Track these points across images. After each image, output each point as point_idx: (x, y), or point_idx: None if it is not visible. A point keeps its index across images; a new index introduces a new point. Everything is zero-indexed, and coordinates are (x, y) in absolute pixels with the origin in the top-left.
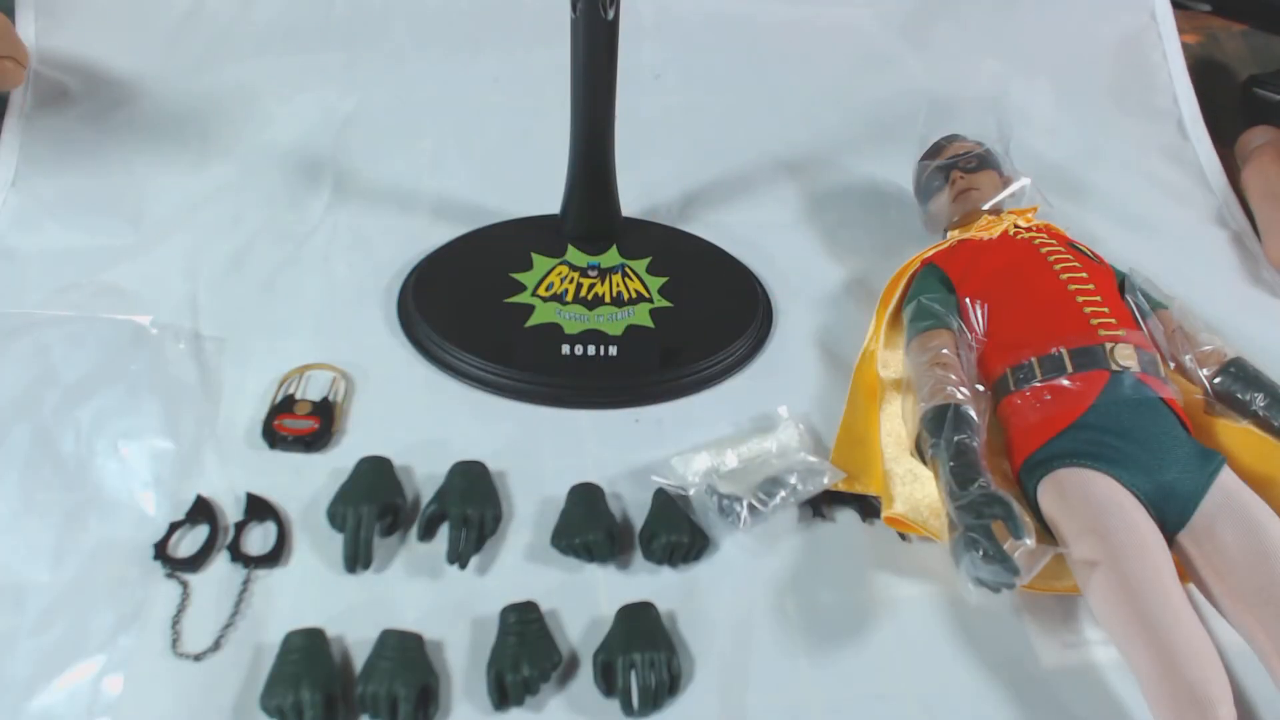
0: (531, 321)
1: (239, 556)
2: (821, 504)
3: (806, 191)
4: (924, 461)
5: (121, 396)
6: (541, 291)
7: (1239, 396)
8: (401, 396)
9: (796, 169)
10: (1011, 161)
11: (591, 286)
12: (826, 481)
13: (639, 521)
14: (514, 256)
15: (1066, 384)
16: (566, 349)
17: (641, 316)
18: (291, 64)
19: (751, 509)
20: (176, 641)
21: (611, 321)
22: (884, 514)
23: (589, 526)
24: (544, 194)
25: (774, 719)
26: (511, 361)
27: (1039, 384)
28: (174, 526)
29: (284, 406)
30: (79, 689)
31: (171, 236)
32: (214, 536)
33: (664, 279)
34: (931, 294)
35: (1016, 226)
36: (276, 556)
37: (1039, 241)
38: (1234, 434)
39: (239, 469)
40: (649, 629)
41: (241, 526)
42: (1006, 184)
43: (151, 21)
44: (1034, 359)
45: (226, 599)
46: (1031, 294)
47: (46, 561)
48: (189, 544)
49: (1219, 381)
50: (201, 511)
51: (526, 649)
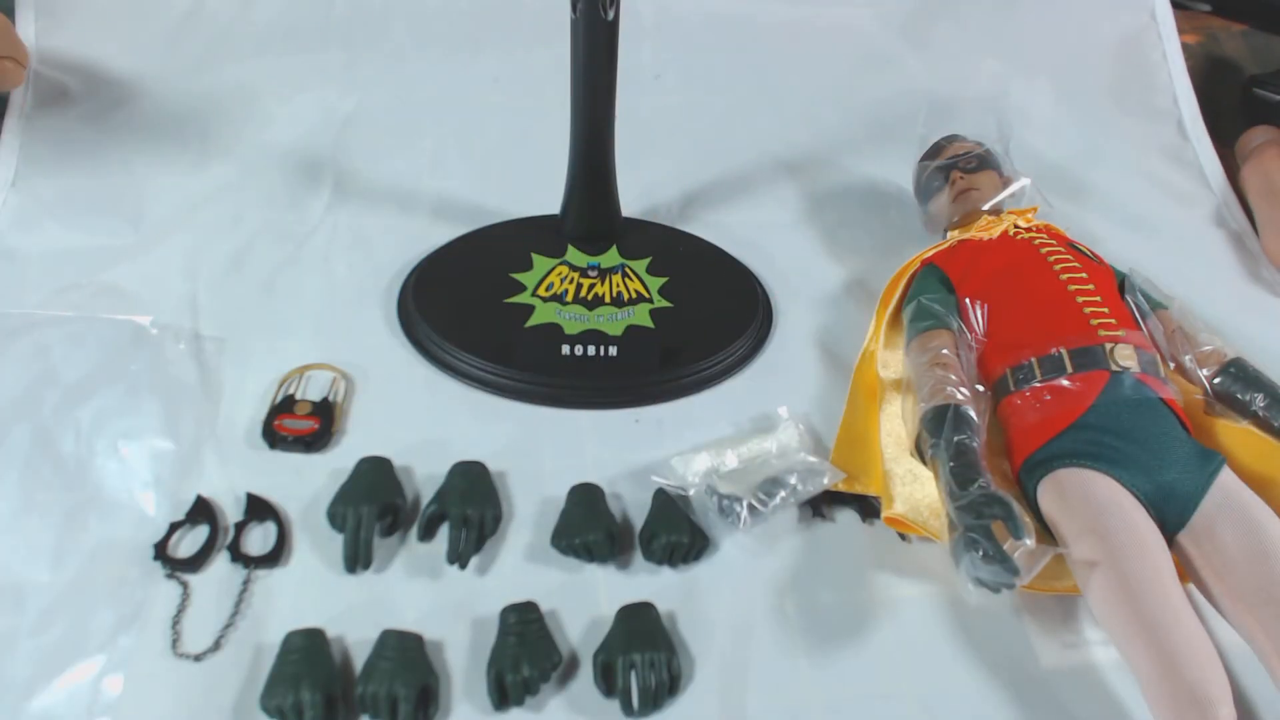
0: (531, 322)
1: (239, 557)
2: (821, 504)
3: (806, 191)
4: (924, 462)
5: (121, 396)
6: (541, 291)
7: (1239, 397)
8: (401, 396)
9: (796, 169)
10: (1011, 161)
11: (591, 287)
12: (826, 482)
13: (639, 521)
14: (514, 256)
15: (1066, 384)
16: (566, 349)
17: (641, 317)
18: (291, 64)
19: (751, 509)
20: (176, 641)
21: (611, 322)
22: (884, 514)
23: (589, 526)
24: (544, 194)
25: (774, 719)
26: (511, 361)
27: (1039, 384)
28: (174, 526)
29: (284, 407)
30: (79, 689)
31: (171, 236)
32: (214, 537)
33: (664, 279)
34: (931, 294)
35: (1016, 227)
36: (276, 557)
37: (1039, 242)
38: (1234, 434)
39: (239, 469)
40: (649, 629)
41: (241, 527)
42: (1006, 184)
43: (151, 21)
44: (1034, 359)
45: (226, 599)
46: (1031, 294)
47: (46, 561)
48: (189, 544)
49: (1219, 382)
50: (201, 512)
51: (526, 649)
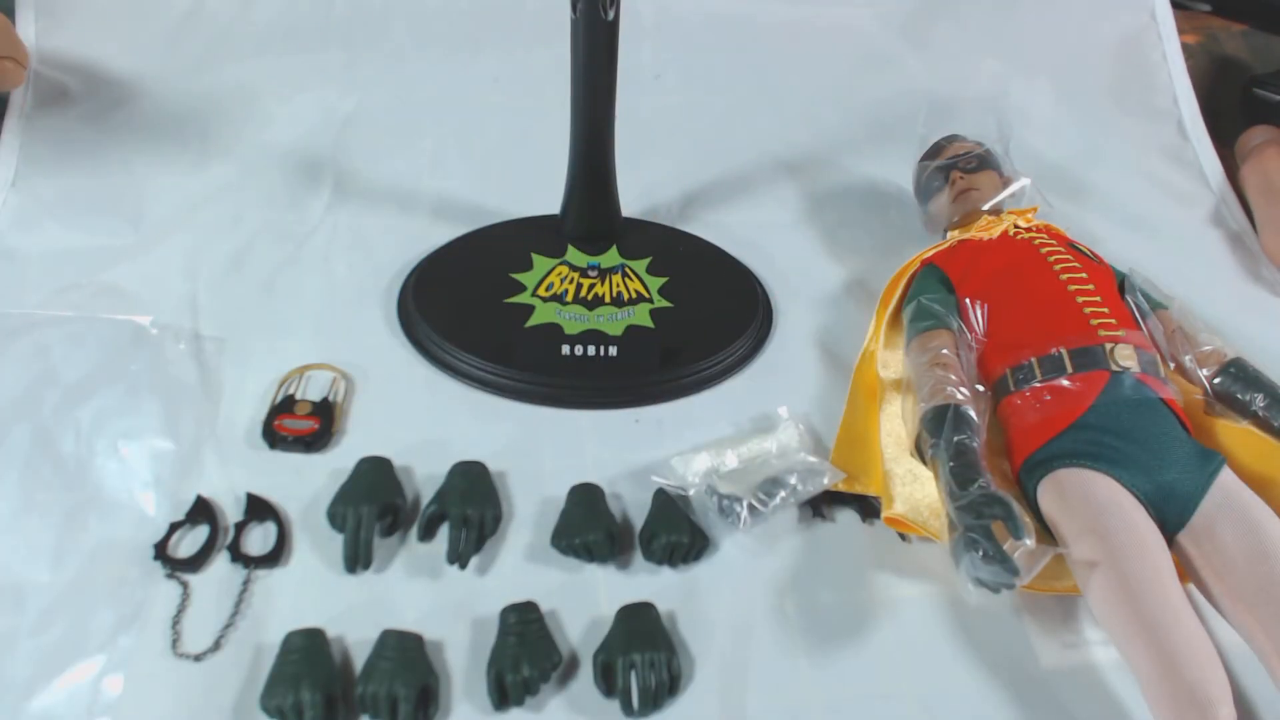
0: (531, 322)
1: (239, 557)
2: (821, 504)
3: (806, 191)
4: (924, 462)
5: (121, 396)
6: (541, 292)
7: (1239, 397)
8: (401, 396)
9: (796, 169)
10: (1011, 161)
11: (591, 287)
12: (826, 482)
13: (639, 521)
14: (514, 256)
15: (1066, 384)
16: (566, 349)
17: (641, 317)
18: (291, 64)
19: (751, 509)
20: (176, 641)
21: (611, 322)
22: (884, 514)
23: (589, 526)
24: (544, 194)
25: (774, 719)
26: (511, 361)
27: (1039, 384)
28: (174, 527)
29: (284, 407)
30: (79, 689)
31: (171, 236)
32: (214, 537)
33: (664, 279)
34: (931, 294)
35: (1016, 227)
36: (276, 557)
37: (1039, 242)
38: (1234, 434)
39: (239, 469)
40: (649, 629)
41: (241, 527)
42: (1006, 184)
43: (151, 21)
44: (1034, 359)
45: (226, 599)
46: (1031, 294)
47: (46, 561)
48: (189, 544)
49: (1219, 382)
50: (201, 512)
51: (526, 649)
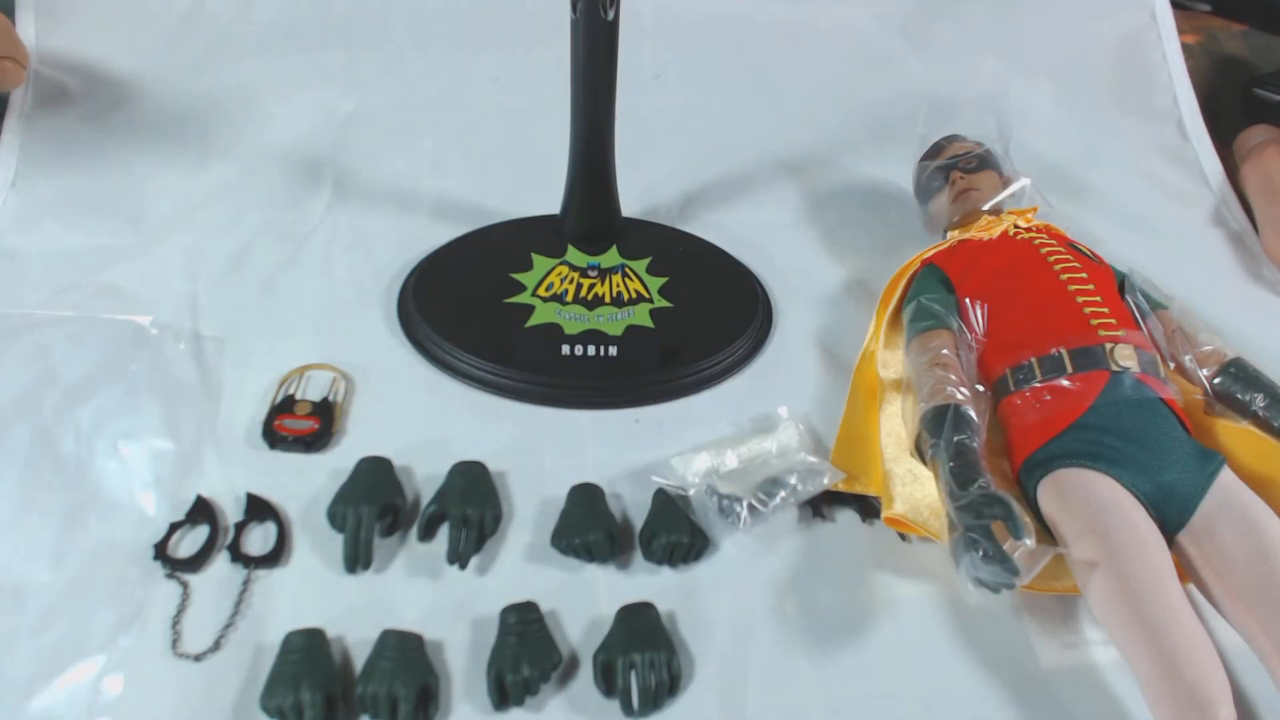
0: (531, 322)
1: (239, 557)
2: (821, 504)
3: (806, 191)
4: (924, 462)
5: (121, 396)
6: (541, 292)
7: (1239, 397)
8: (401, 396)
9: (796, 169)
10: (1011, 161)
11: (591, 287)
12: (826, 482)
13: (639, 521)
14: (514, 256)
15: (1066, 384)
16: (566, 349)
17: (641, 317)
18: (291, 64)
19: (751, 509)
20: (176, 641)
21: (611, 322)
22: (884, 514)
23: (589, 526)
24: (544, 194)
25: (774, 719)
26: (511, 361)
27: (1039, 384)
28: (174, 527)
29: (284, 407)
30: (79, 689)
31: (171, 236)
32: (214, 537)
33: (664, 279)
34: (931, 294)
35: (1016, 227)
36: (276, 557)
37: (1039, 242)
38: (1234, 434)
39: (239, 469)
40: (649, 629)
41: (241, 527)
42: (1006, 184)
43: (151, 21)
44: (1034, 359)
45: (226, 599)
46: (1031, 294)
47: (46, 561)
48: (189, 544)
49: (1219, 382)
50: (201, 512)
51: (526, 649)
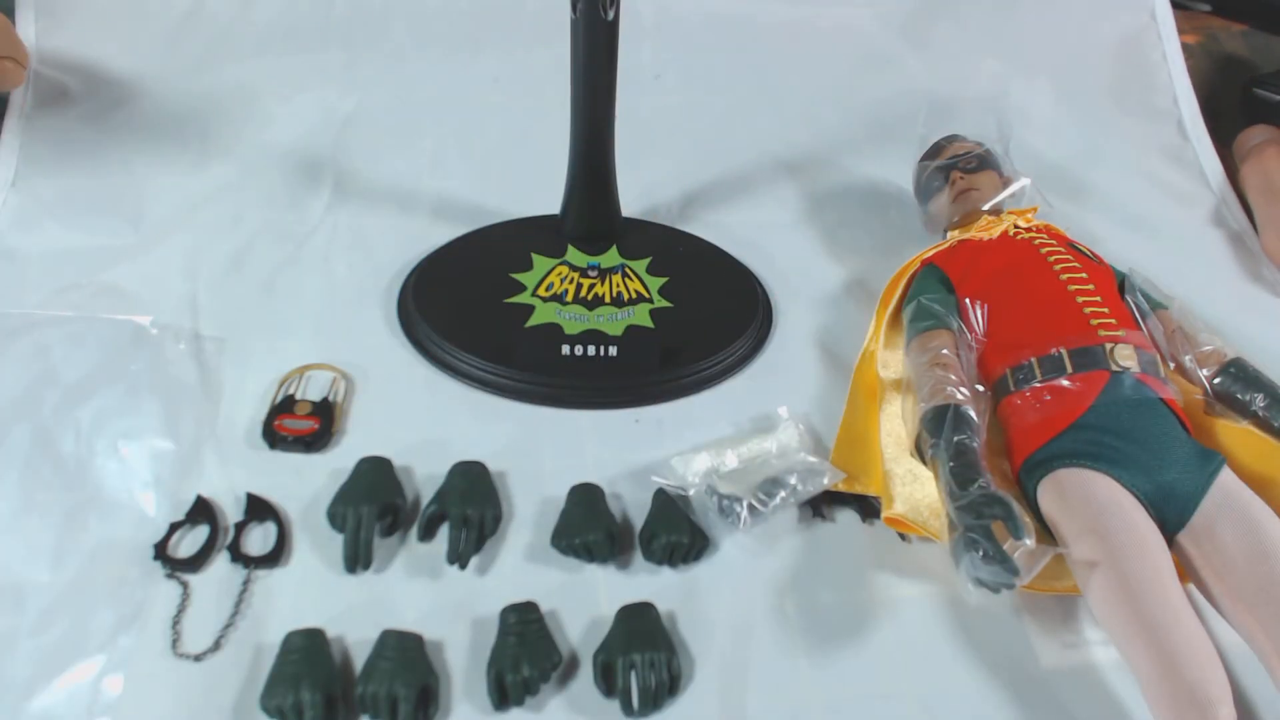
0: (531, 322)
1: (239, 557)
2: (821, 504)
3: (806, 191)
4: (924, 462)
5: (121, 396)
6: (541, 292)
7: (1239, 397)
8: (401, 396)
9: (796, 169)
10: (1011, 161)
11: (591, 287)
12: (826, 482)
13: (639, 521)
14: (514, 256)
15: (1066, 384)
16: (566, 349)
17: (641, 317)
18: (291, 64)
19: (751, 509)
20: (176, 641)
21: (611, 322)
22: (884, 514)
23: (589, 526)
24: (544, 194)
25: (774, 719)
26: (511, 361)
27: (1039, 384)
28: (174, 527)
29: (284, 407)
30: (79, 689)
31: (171, 236)
32: (214, 537)
33: (664, 279)
34: (931, 294)
35: (1016, 227)
36: (276, 557)
37: (1039, 242)
38: (1234, 434)
39: (239, 469)
40: (649, 629)
41: (241, 527)
42: (1006, 184)
43: (151, 21)
44: (1034, 359)
45: (226, 599)
46: (1031, 294)
47: (46, 561)
48: (189, 544)
49: (1219, 382)
50: (201, 512)
51: (526, 649)
